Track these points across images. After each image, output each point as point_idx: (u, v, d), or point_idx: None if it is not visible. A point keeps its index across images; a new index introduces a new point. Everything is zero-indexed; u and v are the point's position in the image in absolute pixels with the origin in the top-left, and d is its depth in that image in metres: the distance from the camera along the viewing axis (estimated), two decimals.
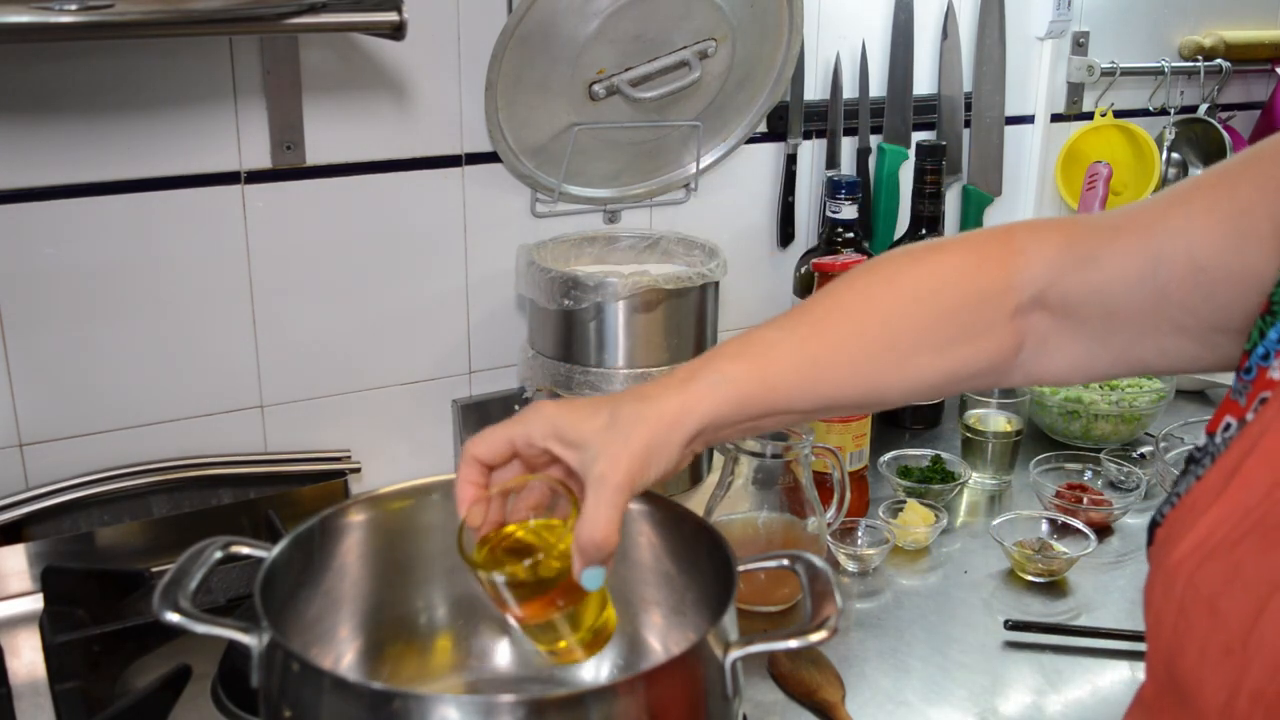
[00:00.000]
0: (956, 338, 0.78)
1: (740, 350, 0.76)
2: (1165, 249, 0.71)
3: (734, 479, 1.17)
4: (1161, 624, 0.60)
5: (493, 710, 0.68)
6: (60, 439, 1.21)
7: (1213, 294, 0.69)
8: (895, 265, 0.80)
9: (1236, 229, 0.68)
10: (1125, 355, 0.76)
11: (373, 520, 0.88)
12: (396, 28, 1.02)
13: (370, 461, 1.35)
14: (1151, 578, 0.63)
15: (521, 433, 0.74)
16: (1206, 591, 0.57)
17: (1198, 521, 0.60)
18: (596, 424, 0.72)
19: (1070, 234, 0.77)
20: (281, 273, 1.27)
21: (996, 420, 1.47)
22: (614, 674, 0.91)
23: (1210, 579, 0.58)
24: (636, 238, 1.41)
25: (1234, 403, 0.64)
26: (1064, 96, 1.78)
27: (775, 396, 0.76)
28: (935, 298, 0.78)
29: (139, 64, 1.15)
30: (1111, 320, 0.75)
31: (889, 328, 0.77)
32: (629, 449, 0.70)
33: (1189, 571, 0.59)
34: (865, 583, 1.23)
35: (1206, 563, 0.58)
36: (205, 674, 1.01)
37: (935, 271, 0.79)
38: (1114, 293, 0.74)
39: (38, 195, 1.14)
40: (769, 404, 0.76)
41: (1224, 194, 0.69)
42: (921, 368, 0.78)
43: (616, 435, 0.71)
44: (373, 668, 0.89)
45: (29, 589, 1.16)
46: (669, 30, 1.31)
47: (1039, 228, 0.80)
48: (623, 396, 0.74)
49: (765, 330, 0.78)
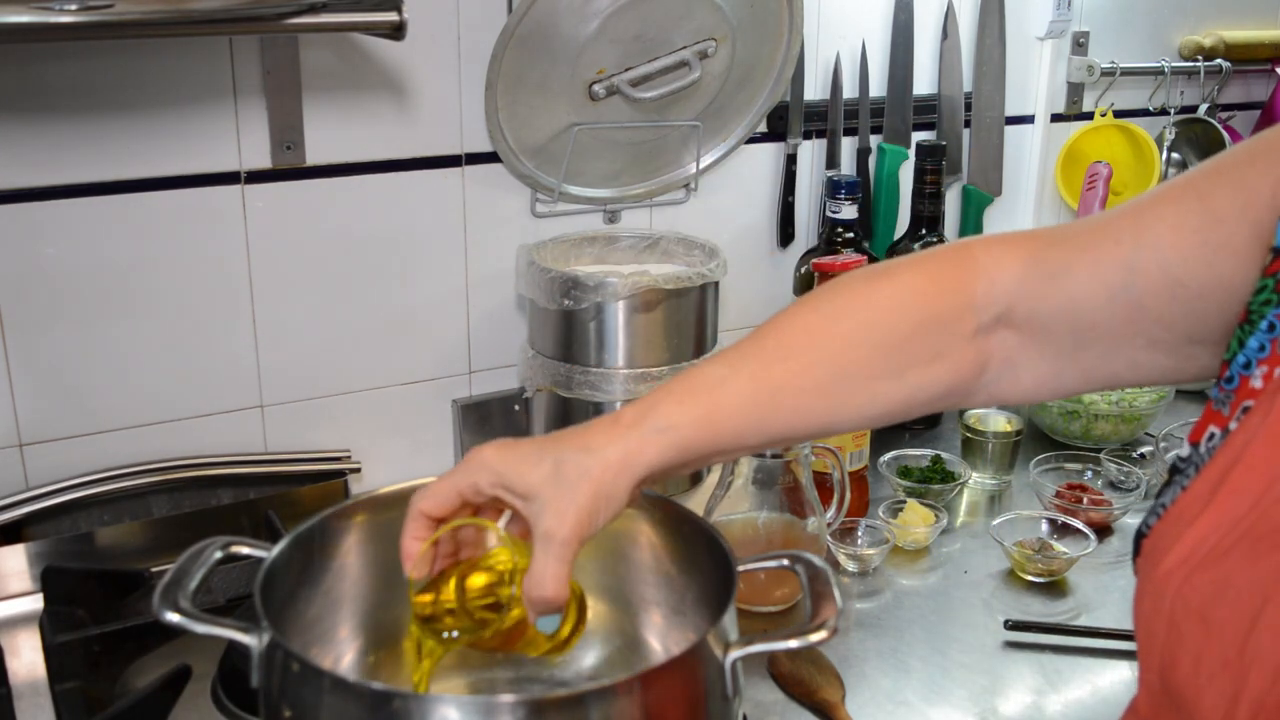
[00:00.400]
0: (912, 363, 0.75)
1: (686, 392, 0.74)
2: (1139, 263, 0.69)
3: (734, 479, 1.17)
4: (1153, 636, 0.60)
5: (493, 710, 0.68)
6: (60, 439, 1.21)
7: (1191, 308, 0.68)
8: (847, 293, 0.78)
9: (1208, 241, 0.66)
10: (1095, 371, 0.75)
11: (373, 520, 0.88)
12: (396, 28, 1.02)
13: (370, 461, 1.35)
14: (1140, 590, 0.62)
15: (469, 483, 0.73)
16: (1197, 603, 0.57)
17: (1185, 533, 0.59)
18: (541, 473, 0.71)
19: (1034, 249, 0.75)
20: (281, 273, 1.27)
21: (996, 420, 1.47)
22: (614, 674, 0.91)
23: (1200, 590, 0.57)
24: (636, 238, 1.41)
25: (1216, 412, 0.64)
26: (1064, 96, 1.78)
27: (721, 437, 0.74)
28: (889, 324, 0.76)
29: (139, 64, 1.15)
30: (1081, 336, 0.73)
31: (841, 358, 0.75)
32: (575, 504, 0.69)
33: (1178, 583, 0.58)
34: (865, 583, 1.23)
35: (1195, 574, 0.58)
36: (205, 674, 1.00)
37: (890, 296, 0.77)
38: (1085, 308, 0.72)
39: (38, 195, 1.14)
40: (715, 444, 0.74)
41: (1195, 205, 0.67)
42: (876, 395, 0.76)
43: (563, 489, 0.70)
44: (373, 668, 0.89)
45: (29, 589, 1.16)
46: (669, 30, 1.31)
47: (998, 243, 0.77)
48: (566, 442, 0.72)
49: (713, 366, 0.76)
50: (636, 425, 0.72)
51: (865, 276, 0.79)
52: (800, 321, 0.77)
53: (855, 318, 0.76)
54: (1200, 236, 0.66)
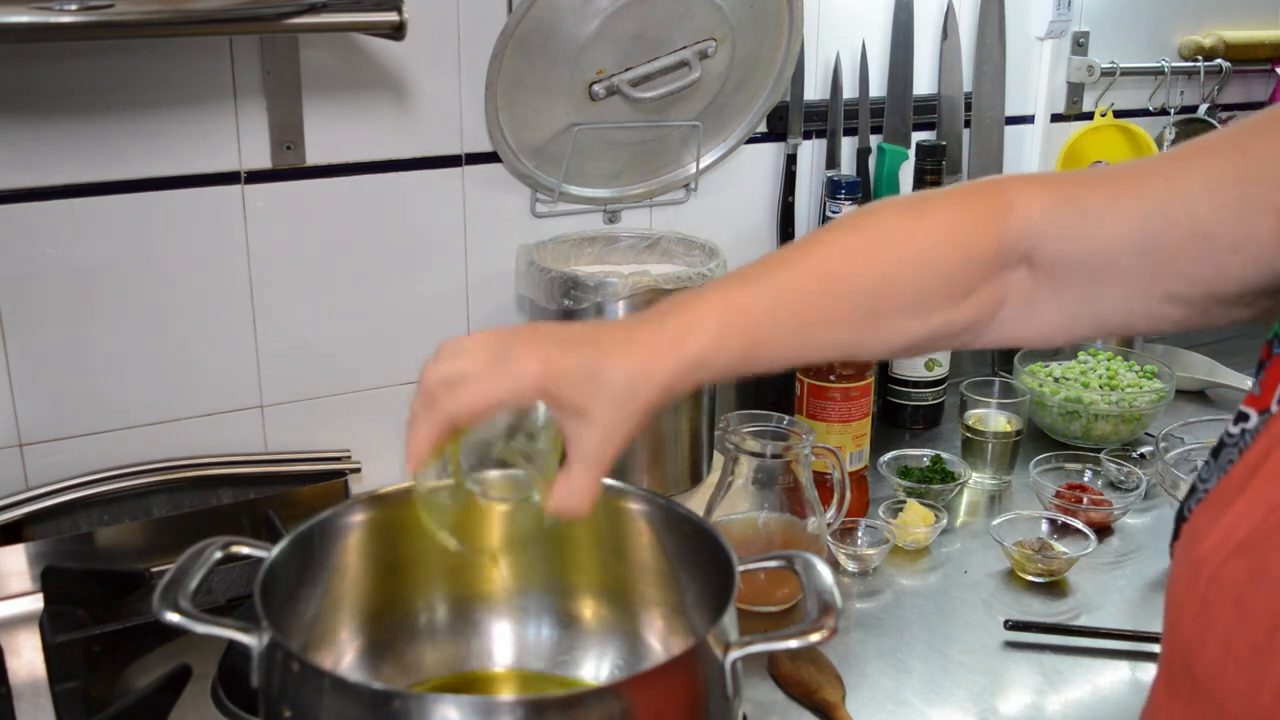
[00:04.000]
0: (943, 303, 0.75)
1: (731, 324, 0.72)
2: (1169, 213, 0.67)
3: (734, 479, 1.17)
4: (1183, 617, 0.60)
5: (493, 710, 0.68)
6: (60, 439, 1.21)
7: (1217, 262, 0.66)
8: (888, 223, 0.76)
9: (1245, 195, 0.64)
10: (1110, 318, 0.74)
11: (373, 520, 0.88)
12: (396, 28, 1.02)
13: (370, 461, 1.35)
14: (1174, 572, 0.62)
15: (510, 394, 0.69)
16: (1232, 587, 0.57)
17: (1222, 516, 0.59)
18: (590, 391, 0.69)
19: (1067, 189, 0.73)
20: (281, 273, 1.27)
21: (996, 420, 1.47)
22: (614, 674, 0.91)
23: (1236, 574, 0.57)
24: (636, 238, 1.41)
25: (1253, 395, 0.63)
26: (1064, 96, 1.78)
27: (753, 366, 0.74)
28: (928, 263, 0.75)
29: (139, 64, 1.15)
30: (1102, 281, 0.72)
31: (878, 294, 0.74)
32: (624, 427, 0.70)
33: (1214, 567, 0.58)
34: (865, 583, 1.23)
35: (1232, 559, 0.57)
36: (205, 674, 1.00)
37: (930, 232, 0.75)
38: (1111, 252, 0.70)
39: (38, 195, 1.14)
40: (742, 370, 0.74)
41: (1234, 158, 0.66)
42: (903, 331, 0.75)
43: (613, 411, 0.69)
44: (373, 668, 0.89)
45: (29, 589, 1.16)
46: (669, 30, 1.31)
47: (1031, 182, 0.76)
48: (614, 356, 0.70)
49: (757, 292, 0.74)
50: (680, 348, 0.71)
51: (904, 207, 0.78)
52: (843, 247, 0.76)
53: (897, 252, 0.75)
54: (1238, 190, 0.65)
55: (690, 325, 0.72)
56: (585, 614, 0.94)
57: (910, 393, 1.59)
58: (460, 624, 0.93)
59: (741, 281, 0.75)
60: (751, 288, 0.74)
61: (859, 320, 0.75)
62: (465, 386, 0.69)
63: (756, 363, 0.74)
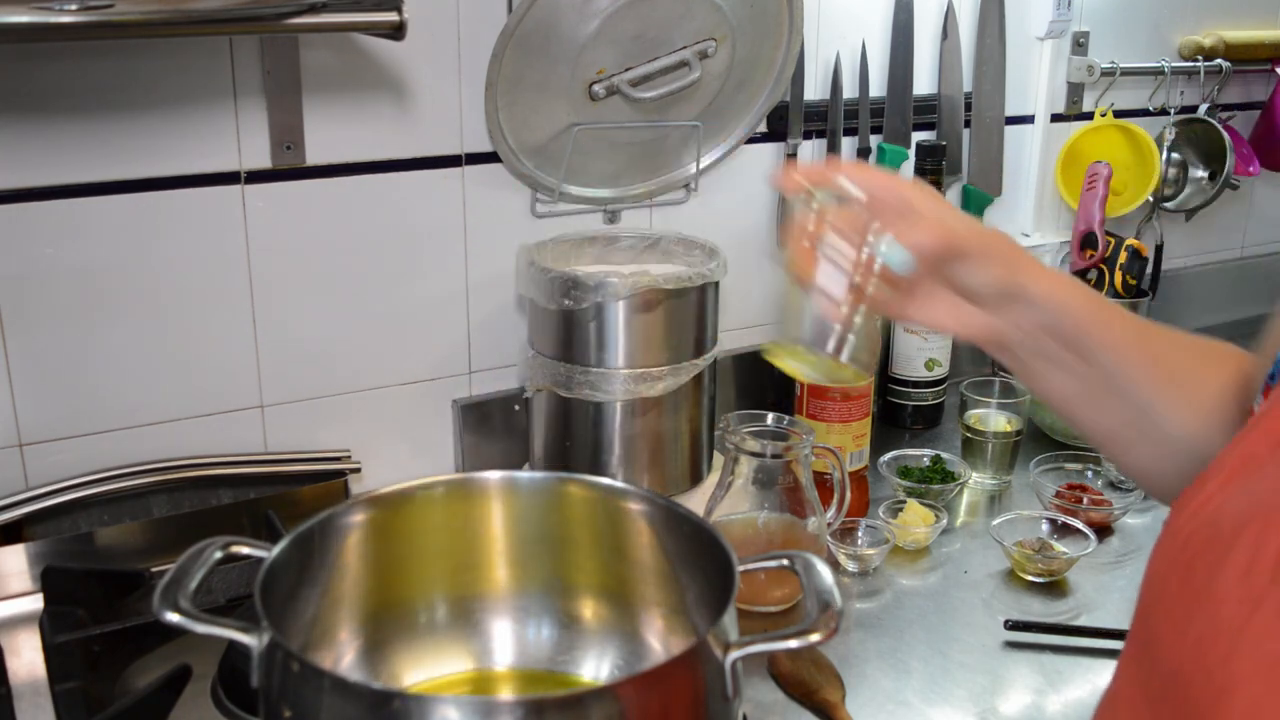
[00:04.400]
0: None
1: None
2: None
3: (734, 479, 1.17)
4: (1155, 588, 0.63)
5: (493, 710, 0.68)
6: (60, 439, 1.21)
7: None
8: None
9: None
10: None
11: (373, 520, 0.88)
12: (396, 28, 1.02)
13: (370, 461, 1.35)
14: (1153, 549, 0.65)
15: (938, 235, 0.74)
16: (1193, 548, 0.60)
17: (1200, 491, 0.62)
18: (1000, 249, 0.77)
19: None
20: (281, 273, 1.27)
21: (996, 420, 1.48)
22: (614, 674, 0.91)
23: (1199, 536, 0.60)
24: (636, 238, 1.41)
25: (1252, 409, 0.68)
26: (1064, 96, 1.78)
27: (1085, 331, 0.77)
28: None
29: (139, 64, 1.15)
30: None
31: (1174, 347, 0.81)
32: (1033, 265, 0.77)
33: (1186, 535, 0.61)
34: (865, 583, 1.23)
35: (1203, 527, 0.60)
36: (205, 674, 1.01)
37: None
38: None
39: (38, 195, 1.14)
40: (1073, 329, 0.78)
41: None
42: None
43: (1018, 252, 0.77)
44: (373, 668, 0.89)
45: (29, 589, 1.16)
46: (669, 30, 1.31)
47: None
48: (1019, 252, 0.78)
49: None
50: (1048, 271, 0.78)
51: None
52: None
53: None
54: None
55: (1065, 294, 0.78)
56: (585, 614, 0.94)
57: (910, 393, 1.59)
58: (460, 624, 0.93)
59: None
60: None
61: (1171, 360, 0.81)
62: (932, 214, 0.76)
63: (1086, 333, 0.77)
